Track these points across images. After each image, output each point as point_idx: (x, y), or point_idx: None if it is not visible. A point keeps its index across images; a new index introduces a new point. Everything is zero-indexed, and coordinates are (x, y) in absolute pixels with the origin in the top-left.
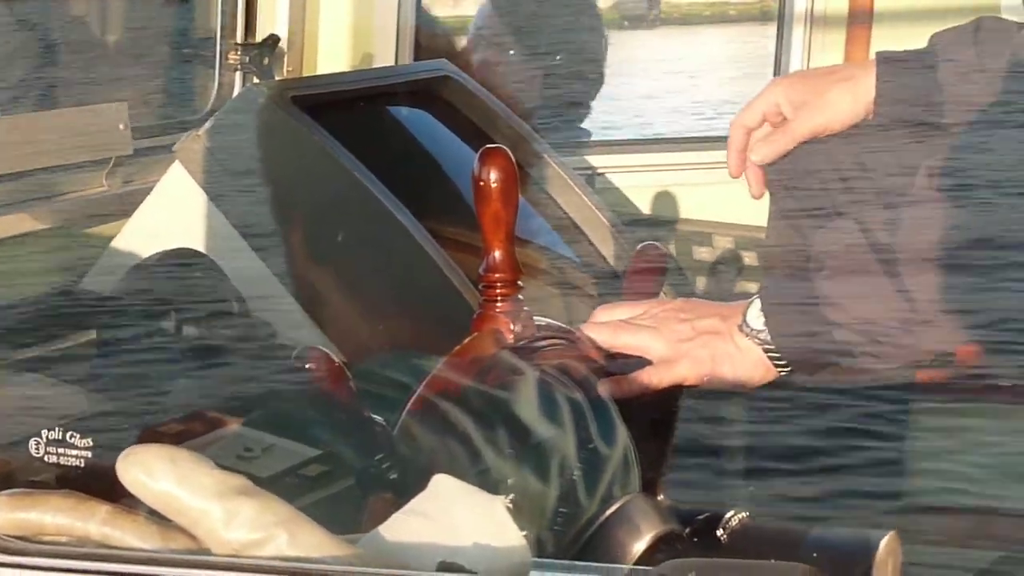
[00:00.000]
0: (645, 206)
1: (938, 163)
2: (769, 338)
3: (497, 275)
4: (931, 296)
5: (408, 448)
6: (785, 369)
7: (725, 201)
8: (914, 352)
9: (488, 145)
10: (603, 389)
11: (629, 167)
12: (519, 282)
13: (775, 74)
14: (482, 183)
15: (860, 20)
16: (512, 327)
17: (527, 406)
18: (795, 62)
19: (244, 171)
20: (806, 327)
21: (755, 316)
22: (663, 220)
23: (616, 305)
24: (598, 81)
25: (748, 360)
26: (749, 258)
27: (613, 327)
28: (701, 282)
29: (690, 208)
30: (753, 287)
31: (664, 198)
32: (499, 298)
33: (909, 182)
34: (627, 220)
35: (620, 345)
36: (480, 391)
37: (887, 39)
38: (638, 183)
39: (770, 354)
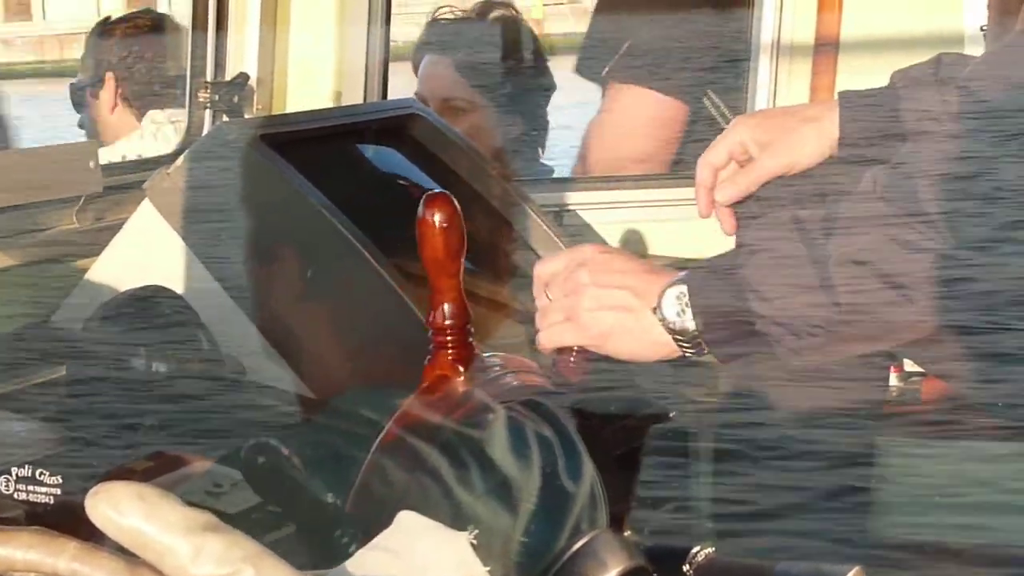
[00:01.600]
0: (615, 242)
1: (886, 174)
2: (683, 327)
3: (447, 322)
4: (858, 298)
5: (379, 484)
6: (693, 353)
7: (695, 237)
8: (835, 349)
9: (431, 191)
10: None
11: (598, 204)
12: (469, 326)
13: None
14: (427, 226)
15: (826, 50)
16: (464, 374)
17: (497, 441)
18: (761, 93)
19: (214, 209)
20: (731, 315)
21: (670, 304)
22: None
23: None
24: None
25: (650, 338)
26: None
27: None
28: None
29: (660, 245)
30: None
31: (634, 234)
32: (450, 345)
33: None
34: None
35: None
36: (450, 427)
37: (853, 70)
38: (609, 220)
39: (679, 340)
